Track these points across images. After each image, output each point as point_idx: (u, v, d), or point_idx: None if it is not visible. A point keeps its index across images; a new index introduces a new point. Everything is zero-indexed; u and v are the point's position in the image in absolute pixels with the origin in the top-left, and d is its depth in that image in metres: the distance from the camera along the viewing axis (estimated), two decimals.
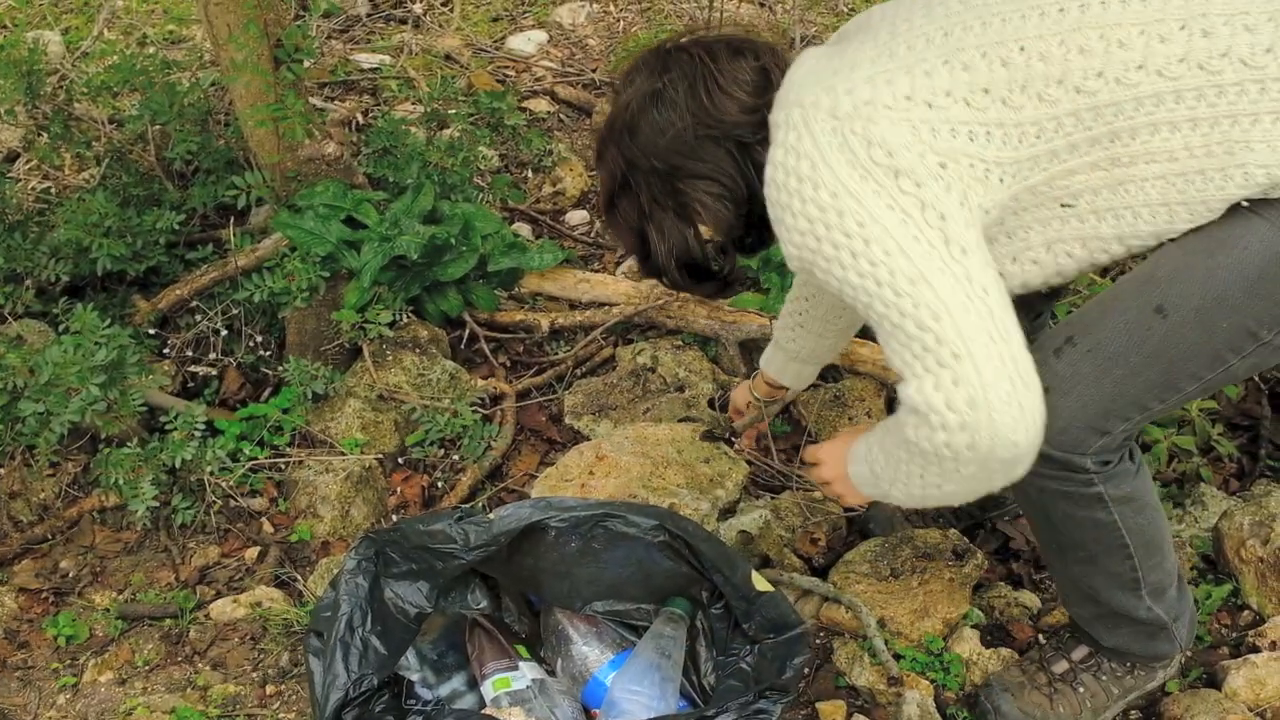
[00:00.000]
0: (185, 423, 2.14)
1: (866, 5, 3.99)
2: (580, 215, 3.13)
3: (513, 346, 2.67)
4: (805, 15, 3.96)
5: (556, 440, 2.43)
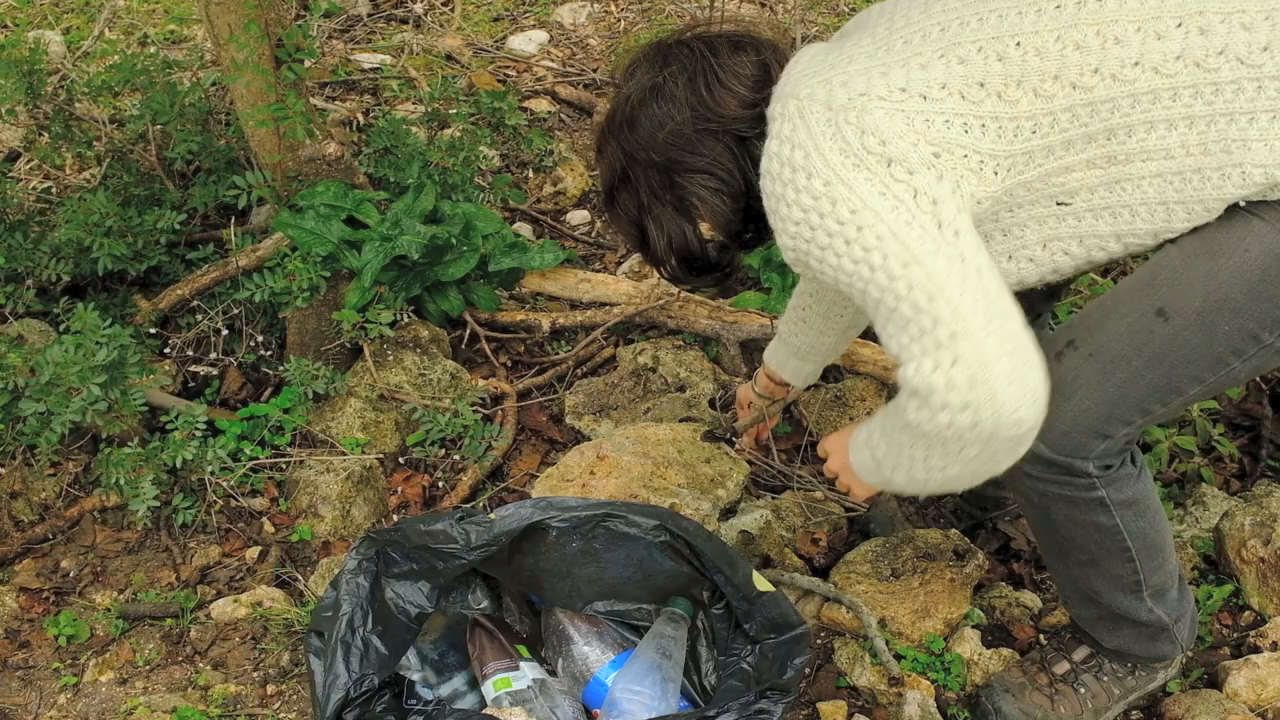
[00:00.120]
0: (186, 422, 2.14)
1: (867, 4, 4.00)
2: (581, 215, 3.13)
3: (514, 346, 2.67)
4: (806, 15, 3.95)
5: (557, 440, 2.43)
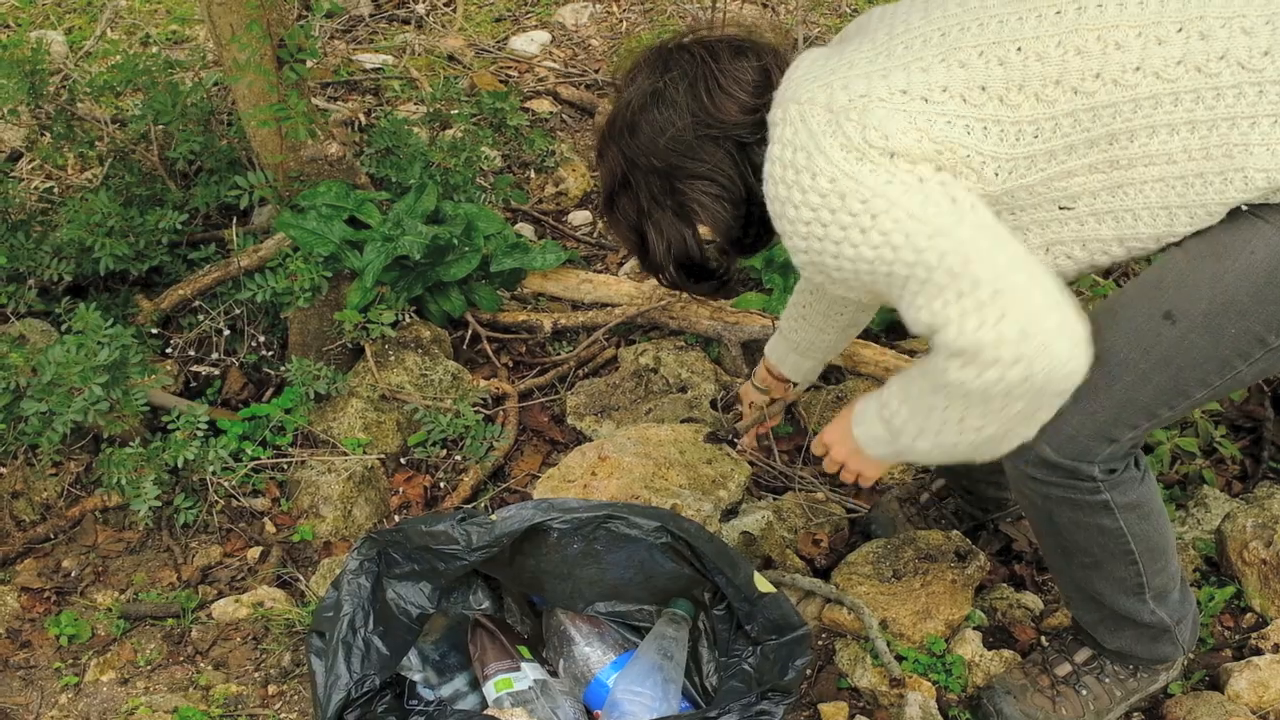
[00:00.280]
0: (188, 422, 2.15)
1: (869, 5, 4.00)
2: (583, 215, 3.13)
3: (515, 347, 2.67)
4: (808, 16, 3.95)
5: (559, 441, 2.43)
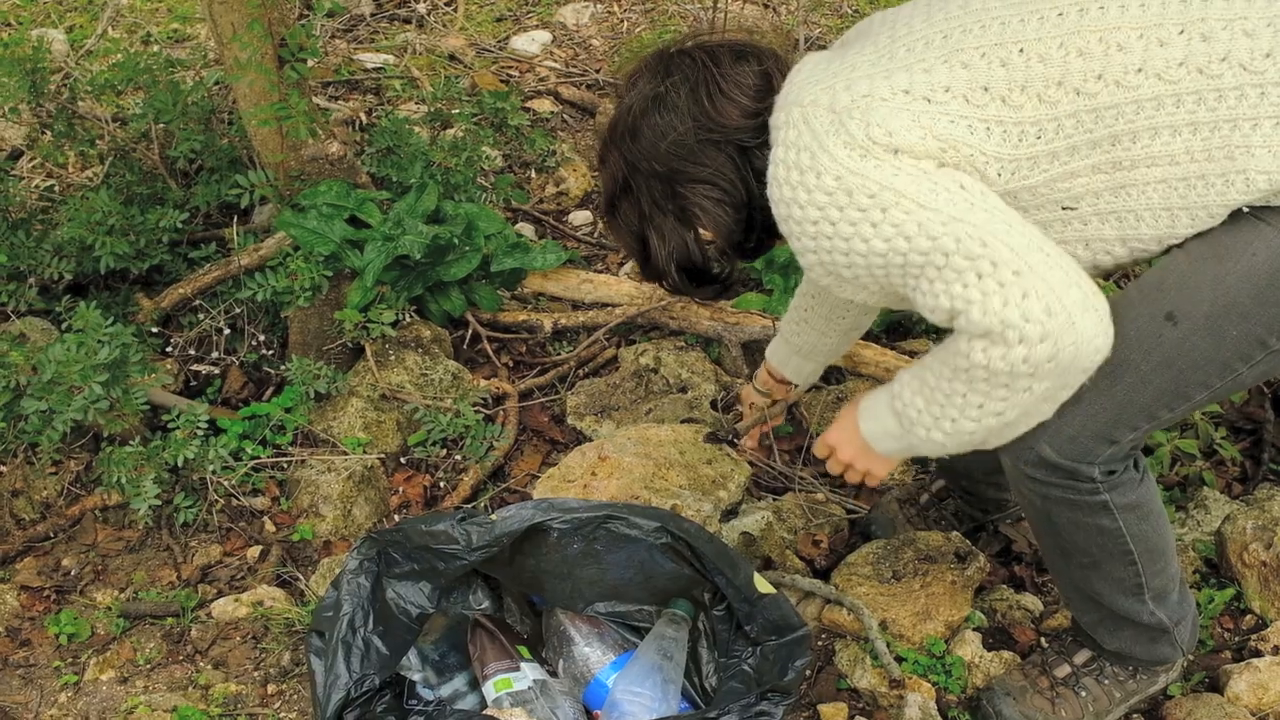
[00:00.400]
0: (188, 421, 2.15)
1: (870, 7, 4.00)
2: (583, 215, 3.13)
3: (515, 347, 2.67)
4: (809, 17, 3.96)
5: (559, 441, 2.43)
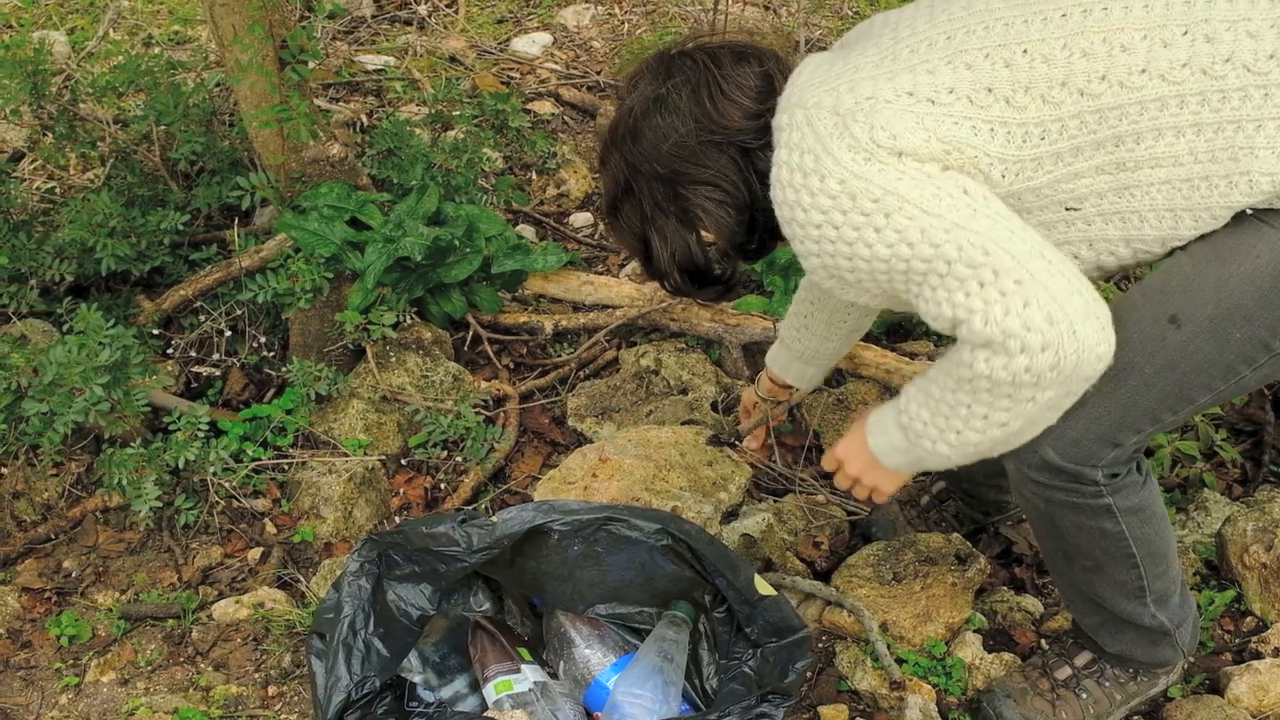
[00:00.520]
0: (189, 423, 2.15)
1: (871, 8, 4.00)
2: (584, 217, 3.13)
3: (516, 348, 2.67)
4: (810, 19, 3.96)
5: (559, 442, 2.43)
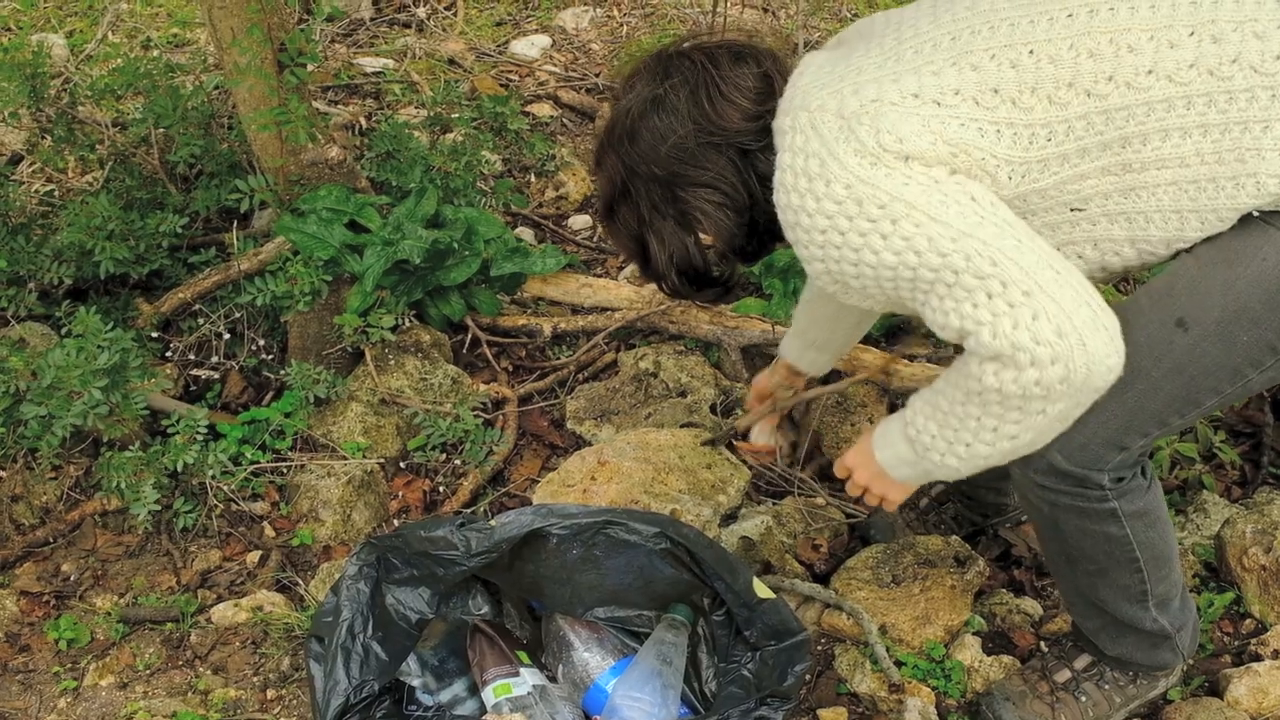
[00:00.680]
0: (187, 426, 2.15)
1: (869, 10, 4.01)
2: (583, 220, 3.13)
3: (515, 351, 2.67)
4: (809, 21, 3.96)
5: (558, 445, 2.43)
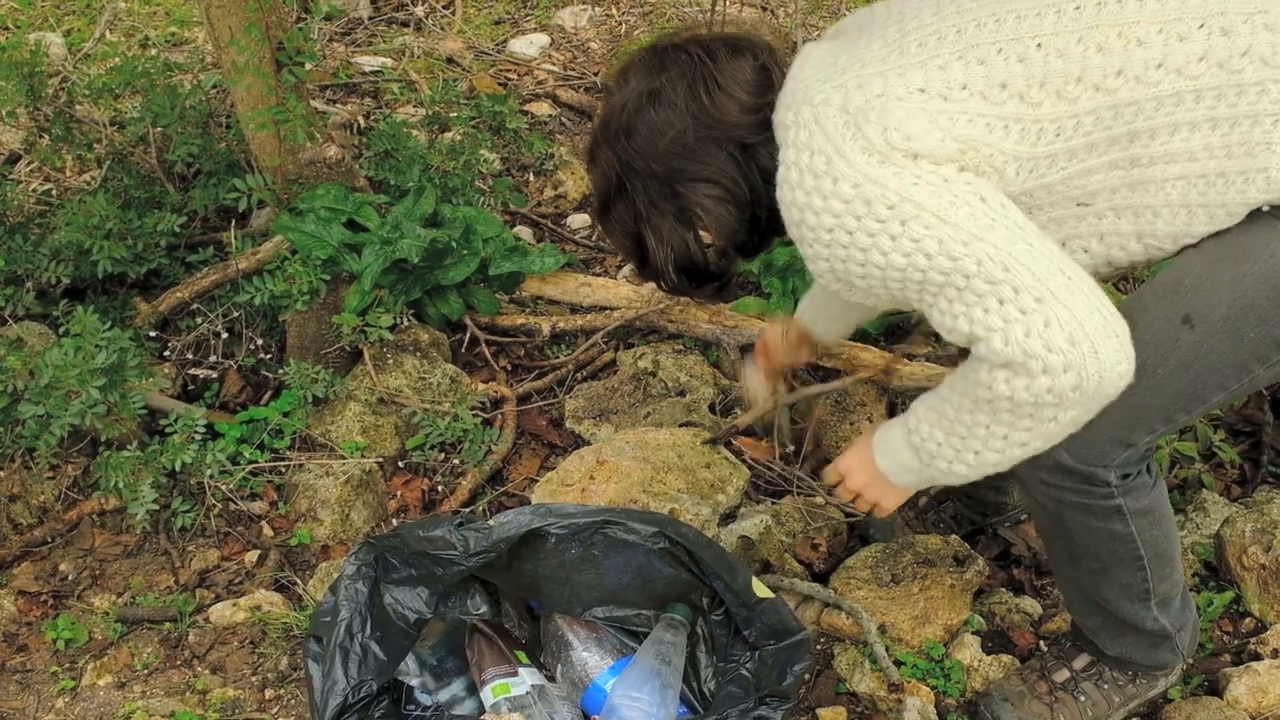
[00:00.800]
0: (185, 426, 2.14)
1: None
2: (582, 219, 3.13)
3: (514, 350, 2.67)
4: (808, 19, 3.95)
5: (557, 444, 2.43)
